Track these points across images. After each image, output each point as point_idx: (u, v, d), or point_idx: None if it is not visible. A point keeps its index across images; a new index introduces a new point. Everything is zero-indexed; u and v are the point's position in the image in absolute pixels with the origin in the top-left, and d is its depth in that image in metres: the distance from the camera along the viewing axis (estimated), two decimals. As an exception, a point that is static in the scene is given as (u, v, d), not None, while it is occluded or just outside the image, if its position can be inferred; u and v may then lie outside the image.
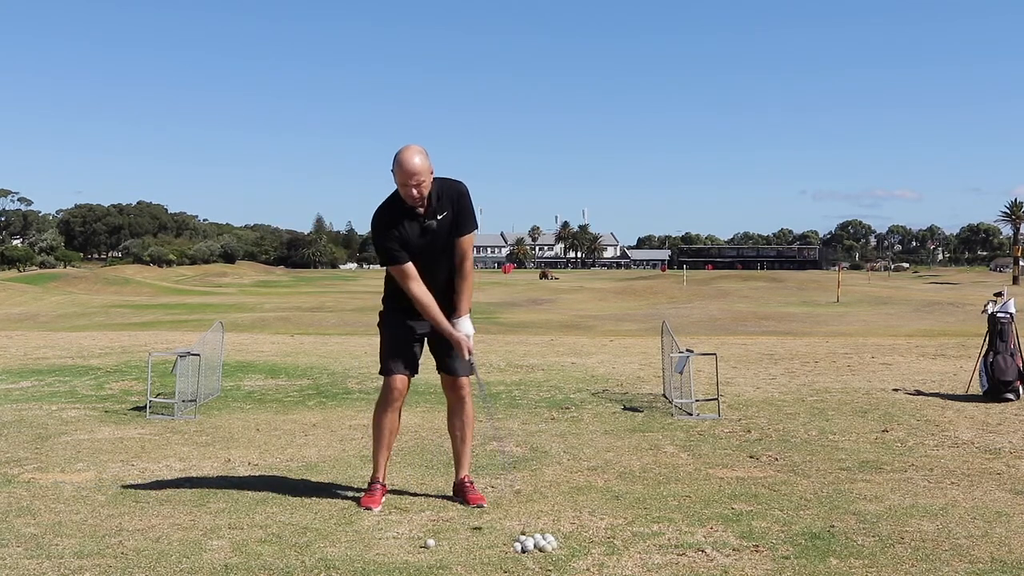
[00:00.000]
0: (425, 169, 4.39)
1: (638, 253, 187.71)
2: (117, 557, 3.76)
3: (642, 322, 23.77)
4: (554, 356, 12.42)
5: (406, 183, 4.38)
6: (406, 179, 4.37)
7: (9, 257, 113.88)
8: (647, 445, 6.15)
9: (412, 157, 4.36)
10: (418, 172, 4.36)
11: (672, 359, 7.63)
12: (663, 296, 40.67)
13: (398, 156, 4.39)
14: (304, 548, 3.88)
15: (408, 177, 4.36)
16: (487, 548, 3.89)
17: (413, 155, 4.37)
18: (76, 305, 36.01)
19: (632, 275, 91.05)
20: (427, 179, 4.41)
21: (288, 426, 7.00)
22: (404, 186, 4.40)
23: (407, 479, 5.15)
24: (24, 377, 9.94)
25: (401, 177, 4.38)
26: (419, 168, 4.36)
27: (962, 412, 7.45)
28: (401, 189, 4.43)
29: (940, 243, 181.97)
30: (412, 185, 4.38)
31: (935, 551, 3.81)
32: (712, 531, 4.12)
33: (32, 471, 5.35)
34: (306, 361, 11.73)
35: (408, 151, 4.38)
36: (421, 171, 4.37)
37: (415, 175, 4.36)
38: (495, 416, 4.57)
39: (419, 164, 4.36)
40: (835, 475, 5.23)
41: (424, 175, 4.38)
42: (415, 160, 4.36)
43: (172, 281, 70.94)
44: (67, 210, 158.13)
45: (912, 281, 73.31)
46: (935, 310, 27.45)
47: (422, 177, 4.38)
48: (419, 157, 4.37)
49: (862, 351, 12.93)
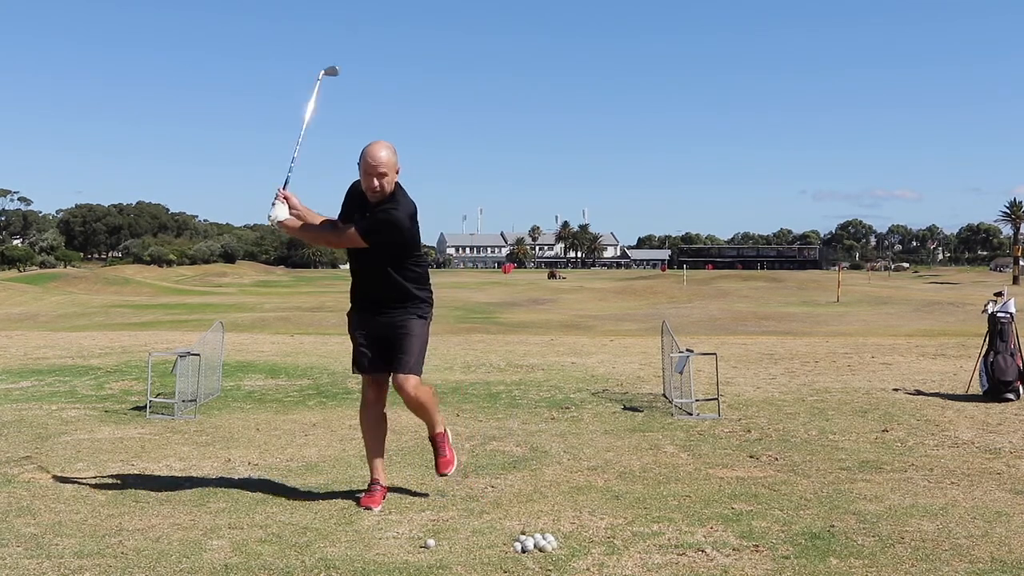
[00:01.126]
0: (389, 163, 4.45)
1: (638, 253, 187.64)
2: (117, 557, 3.76)
3: (642, 322, 23.77)
4: (554, 356, 12.42)
5: (368, 172, 4.44)
6: (368, 168, 4.44)
7: (9, 257, 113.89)
8: (647, 445, 6.15)
9: (379, 149, 4.46)
10: (380, 164, 4.43)
11: (672, 359, 7.63)
12: (663, 296, 40.69)
13: (366, 147, 4.48)
14: (304, 548, 3.88)
15: (369, 167, 4.43)
16: (487, 548, 3.89)
17: (380, 148, 4.47)
18: (76, 305, 36.02)
19: (632, 275, 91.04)
20: (390, 174, 4.46)
21: (288, 426, 7.00)
22: (366, 175, 4.46)
23: (407, 479, 5.15)
24: (24, 377, 9.94)
25: (364, 166, 4.46)
26: (382, 160, 4.43)
27: (962, 412, 7.45)
28: (363, 179, 4.49)
29: (940, 243, 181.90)
30: (373, 175, 4.43)
31: (935, 551, 3.81)
32: (712, 531, 4.13)
33: (32, 471, 5.35)
34: (306, 361, 11.73)
35: (376, 143, 4.49)
36: (384, 163, 4.43)
37: (377, 165, 4.42)
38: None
39: (383, 156, 4.44)
40: (835, 475, 5.23)
41: (386, 168, 4.44)
42: (381, 153, 4.45)
43: (172, 281, 70.96)
44: (67, 210, 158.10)
45: (912, 281, 73.31)
46: (935, 310, 27.45)
47: (383, 169, 4.43)
48: (386, 151, 4.46)
49: (862, 351, 12.93)
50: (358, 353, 4.78)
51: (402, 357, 4.62)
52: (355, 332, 4.79)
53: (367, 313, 4.74)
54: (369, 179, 4.45)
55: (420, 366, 4.68)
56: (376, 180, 4.44)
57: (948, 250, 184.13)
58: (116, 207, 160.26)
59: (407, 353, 4.62)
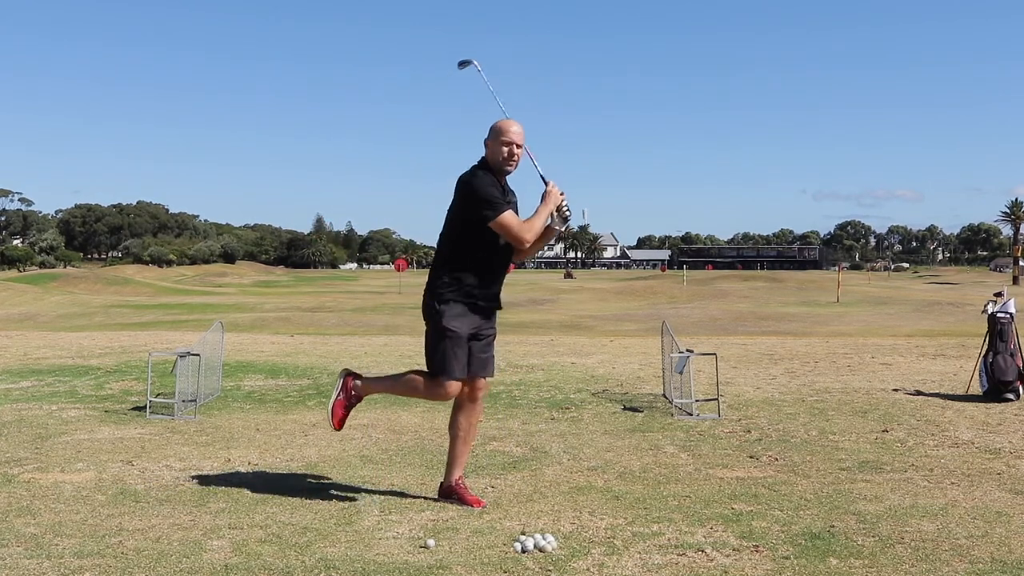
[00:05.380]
0: (524, 139, 4.50)
1: (638, 253, 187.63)
2: (117, 557, 3.76)
3: (642, 322, 23.77)
4: (554, 356, 12.42)
5: (511, 141, 4.44)
6: (513, 137, 4.44)
7: (9, 257, 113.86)
8: (647, 445, 6.15)
9: (515, 123, 4.50)
10: (520, 139, 4.48)
11: (672, 359, 7.63)
12: (663, 296, 40.67)
13: (499, 122, 4.50)
14: (304, 548, 3.88)
15: (515, 136, 4.45)
16: (487, 548, 3.89)
17: (515, 123, 4.51)
18: (76, 305, 36.00)
19: (632, 275, 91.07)
20: (522, 151, 4.51)
21: (288, 426, 7.00)
22: (507, 144, 4.44)
23: (407, 479, 5.15)
24: (24, 377, 9.94)
25: (507, 136, 4.45)
26: (521, 134, 4.49)
27: (962, 412, 7.45)
28: (502, 149, 4.45)
29: (940, 243, 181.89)
30: (516, 144, 4.46)
31: (935, 551, 3.81)
32: (712, 531, 4.13)
33: (32, 471, 5.35)
34: (306, 361, 11.73)
35: (509, 120, 4.52)
36: (522, 139, 4.49)
37: (520, 134, 4.47)
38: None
39: (520, 131, 4.49)
40: (835, 475, 5.23)
41: (523, 144, 4.50)
42: (517, 126, 4.49)
43: (172, 281, 70.92)
44: (67, 210, 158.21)
45: (912, 281, 73.30)
46: (935, 310, 27.44)
47: (522, 142, 4.49)
48: (519, 126, 4.51)
49: (862, 351, 12.93)
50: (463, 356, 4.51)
51: (492, 357, 4.69)
52: (466, 333, 4.50)
53: (484, 313, 4.56)
54: (511, 148, 4.45)
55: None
56: (517, 150, 4.48)
57: (948, 250, 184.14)
58: (116, 207, 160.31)
59: (494, 354, 4.73)
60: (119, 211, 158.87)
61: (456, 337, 4.46)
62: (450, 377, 4.48)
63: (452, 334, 4.45)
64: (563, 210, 4.55)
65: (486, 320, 4.60)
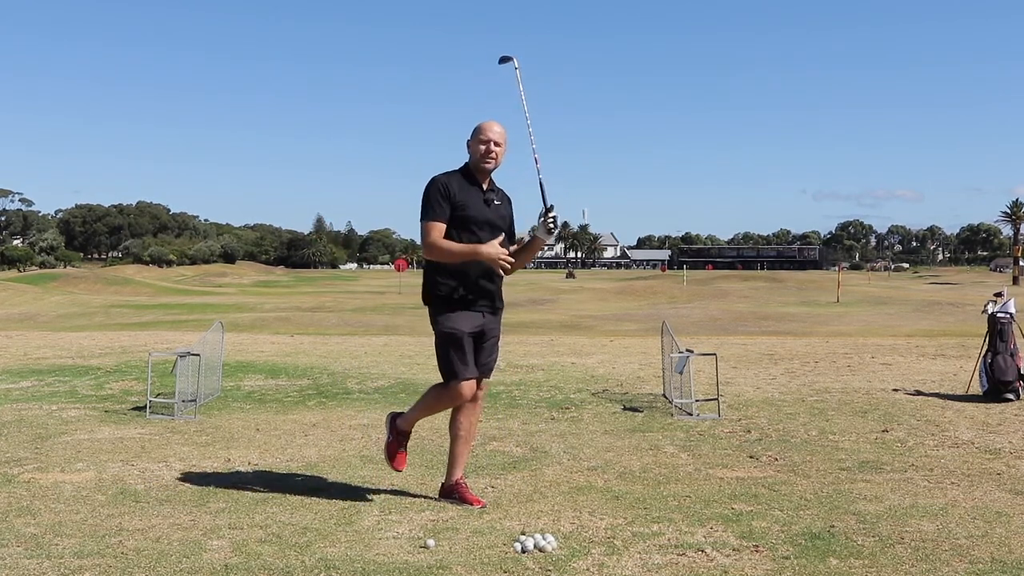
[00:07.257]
0: (504, 139, 4.54)
1: (638, 253, 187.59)
2: (117, 557, 3.76)
3: (642, 322, 23.77)
4: (554, 356, 12.42)
5: (488, 139, 4.49)
6: (490, 135, 4.49)
7: (9, 257, 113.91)
8: (647, 445, 6.15)
9: (496, 124, 4.55)
10: (499, 137, 4.52)
11: (672, 359, 7.63)
12: (663, 296, 40.67)
13: (480, 124, 4.55)
14: (304, 548, 3.88)
15: (493, 134, 4.50)
16: (487, 548, 3.89)
17: (496, 123, 4.56)
18: (76, 305, 36.01)
19: (632, 275, 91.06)
20: (502, 149, 4.55)
21: (288, 426, 7.00)
22: (484, 142, 4.49)
23: (407, 479, 5.15)
24: (24, 377, 9.94)
25: (485, 134, 4.50)
26: (500, 134, 4.53)
27: (962, 412, 7.45)
28: (480, 147, 4.50)
29: (940, 243, 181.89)
30: (494, 141, 4.49)
31: (935, 551, 3.81)
32: (712, 531, 4.12)
33: (32, 471, 5.35)
34: (306, 361, 11.73)
35: (490, 121, 4.57)
36: (502, 138, 4.53)
37: (500, 133, 4.52)
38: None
39: (501, 131, 4.54)
40: (835, 475, 5.23)
41: (503, 143, 4.53)
42: (498, 127, 4.54)
43: (172, 281, 70.94)
44: (67, 210, 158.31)
45: (912, 281, 73.30)
46: (935, 310, 27.44)
47: (501, 141, 4.52)
48: (501, 127, 4.56)
49: (862, 351, 12.93)
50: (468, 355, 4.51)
51: (495, 359, 4.72)
52: (467, 332, 4.50)
53: (482, 311, 4.56)
54: (488, 145, 4.49)
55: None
56: (495, 148, 4.52)
57: (948, 250, 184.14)
58: (116, 207, 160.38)
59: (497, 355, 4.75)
60: (119, 211, 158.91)
61: (457, 337, 4.47)
62: (460, 379, 4.50)
63: (452, 335, 4.47)
64: (548, 223, 4.56)
65: (490, 318, 4.61)
